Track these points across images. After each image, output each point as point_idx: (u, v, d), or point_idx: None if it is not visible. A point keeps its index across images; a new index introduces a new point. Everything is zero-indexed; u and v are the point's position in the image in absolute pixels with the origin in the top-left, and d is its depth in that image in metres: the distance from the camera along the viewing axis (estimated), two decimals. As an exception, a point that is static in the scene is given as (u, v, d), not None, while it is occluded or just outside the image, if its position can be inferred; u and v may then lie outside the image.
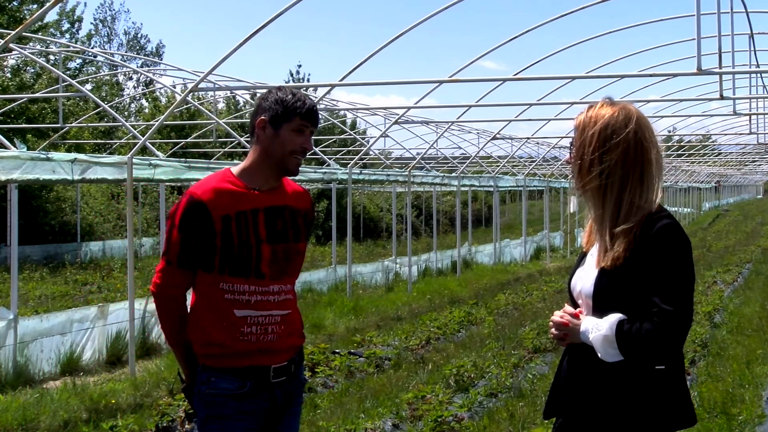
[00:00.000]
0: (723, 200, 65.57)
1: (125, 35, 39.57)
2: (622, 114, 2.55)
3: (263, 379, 2.93)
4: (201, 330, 2.94)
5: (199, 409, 2.97)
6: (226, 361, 2.91)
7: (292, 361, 3.03)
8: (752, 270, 17.06)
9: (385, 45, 9.42)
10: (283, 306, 3.00)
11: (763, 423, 6.09)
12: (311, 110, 2.99)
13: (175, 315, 3.01)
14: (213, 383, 2.91)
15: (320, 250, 23.40)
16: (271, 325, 2.95)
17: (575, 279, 2.66)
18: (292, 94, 2.99)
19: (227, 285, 2.91)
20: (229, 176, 3.00)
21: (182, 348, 3.02)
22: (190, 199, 2.91)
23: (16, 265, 8.30)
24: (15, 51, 12.11)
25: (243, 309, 2.92)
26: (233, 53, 8.23)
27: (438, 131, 17.54)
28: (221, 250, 2.90)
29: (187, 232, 2.90)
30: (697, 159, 35.15)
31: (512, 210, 39.54)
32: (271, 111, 2.97)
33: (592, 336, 2.46)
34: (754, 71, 11.45)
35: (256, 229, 2.94)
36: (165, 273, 2.96)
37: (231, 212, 2.91)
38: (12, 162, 7.35)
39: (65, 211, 21.55)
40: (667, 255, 2.44)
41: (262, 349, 2.93)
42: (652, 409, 2.46)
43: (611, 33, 11.75)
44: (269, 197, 3.01)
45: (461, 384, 7.11)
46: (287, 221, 3.04)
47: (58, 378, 8.11)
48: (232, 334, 2.90)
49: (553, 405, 2.70)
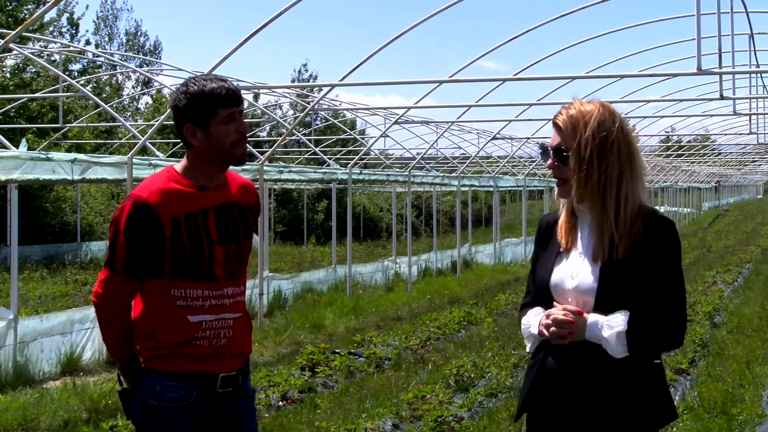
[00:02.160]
0: (723, 200, 65.55)
1: (126, 34, 39.60)
2: (607, 111, 2.57)
3: (209, 388, 2.77)
4: (149, 338, 2.78)
5: (139, 418, 2.79)
6: (173, 363, 2.75)
7: (240, 372, 2.86)
8: (752, 270, 17.05)
9: (385, 45, 9.43)
10: (236, 308, 2.85)
11: (763, 423, 6.09)
12: (230, 92, 2.76)
13: (119, 326, 2.83)
14: (158, 393, 2.74)
15: (320, 250, 23.39)
16: (224, 329, 2.80)
17: (558, 276, 2.60)
18: (203, 85, 2.76)
19: (179, 291, 2.74)
20: (174, 175, 2.80)
21: (126, 359, 2.86)
22: (135, 202, 2.71)
23: (16, 265, 8.30)
24: (15, 51, 12.12)
25: (197, 314, 2.76)
26: (233, 53, 8.25)
27: (438, 131, 17.55)
28: (171, 255, 2.72)
29: (134, 238, 2.70)
30: (697, 159, 35.17)
31: (512, 210, 39.52)
32: (192, 113, 2.76)
33: (606, 333, 2.44)
34: (754, 71, 11.46)
35: (207, 231, 2.77)
36: (109, 282, 2.77)
37: (180, 214, 2.73)
38: (12, 162, 7.35)
39: (65, 211, 21.54)
40: (670, 254, 2.52)
41: (212, 354, 2.78)
42: (646, 405, 2.48)
43: (611, 33, 11.78)
44: (217, 195, 2.83)
45: (461, 384, 7.11)
46: (237, 219, 2.87)
47: (58, 378, 8.11)
48: (186, 340, 2.75)
49: (531, 404, 2.62)
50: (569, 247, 2.62)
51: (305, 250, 23.27)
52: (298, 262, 19.61)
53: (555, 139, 2.61)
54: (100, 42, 38.77)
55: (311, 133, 23.99)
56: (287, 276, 13.73)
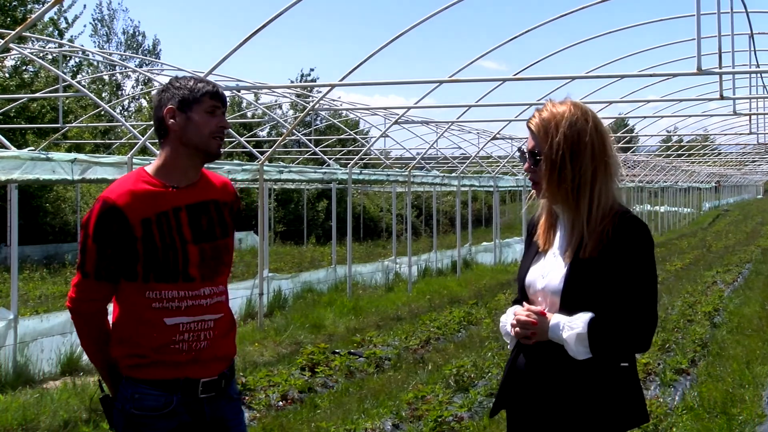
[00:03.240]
0: (723, 200, 65.57)
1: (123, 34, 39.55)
2: (578, 110, 2.56)
3: (191, 394, 2.73)
4: (127, 342, 2.74)
5: (120, 426, 2.76)
6: (152, 371, 2.71)
7: (222, 376, 2.82)
8: (752, 270, 17.05)
9: (385, 45, 9.43)
10: (216, 309, 2.80)
11: (763, 423, 6.09)
12: (218, 91, 2.81)
13: (95, 331, 2.80)
14: (137, 401, 2.71)
15: (320, 250, 23.39)
16: (203, 331, 2.75)
17: (532, 275, 2.63)
18: (194, 79, 2.82)
19: (154, 293, 2.70)
20: (144, 176, 2.78)
21: (106, 366, 2.82)
22: (103, 204, 2.68)
23: (16, 265, 8.30)
24: (14, 51, 12.11)
25: (174, 316, 2.71)
26: (234, 53, 8.25)
27: (438, 131, 17.54)
28: (144, 256, 2.68)
29: (104, 241, 2.67)
30: (697, 159, 35.16)
31: (512, 210, 39.51)
32: (176, 97, 2.76)
33: (565, 334, 2.45)
34: (754, 71, 11.45)
35: (180, 230, 2.73)
36: (81, 287, 2.74)
37: (150, 214, 2.69)
38: (12, 162, 7.35)
39: (65, 211, 21.54)
40: (640, 255, 2.49)
41: (192, 359, 2.73)
42: (612, 407, 2.47)
43: (611, 33, 11.76)
44: (190, 193, 2.79)
45: (461, 384, 7.11)
46: (213, 217, 2.83)
47: (58, 378, 8.10)
48: (164, 344, 2.70)
49: (503, 400, 2.68)
50: (546, 247, 2.64)
51: (305, 250, 23.27)
52: (298, 262, 19.61)
53: (530, 142, 2.62)
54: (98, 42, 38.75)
55: (311, 133, 23.99)
56: (287, 276, 13.73)
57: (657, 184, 34.43)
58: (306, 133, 21.39)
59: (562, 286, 2.51)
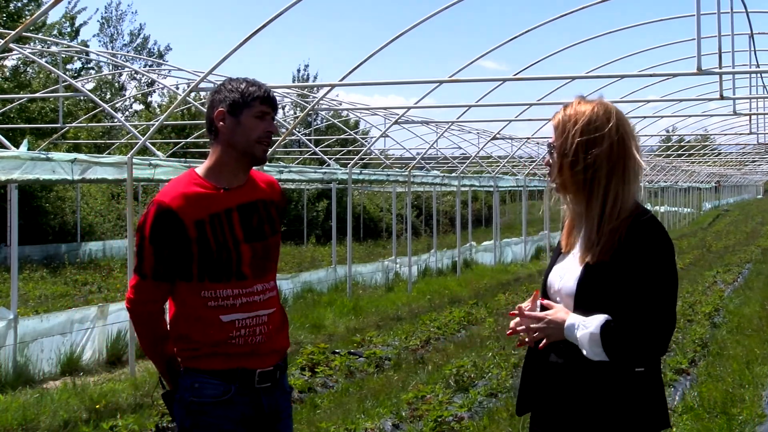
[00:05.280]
0: (723, 200, 65.58)
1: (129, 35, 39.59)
2: (602, 109, 2.53)
3: (248, 384, 2.82)
4: (185, 339, 2.83)
5: (181, 417, 2.84)
6: (211, 361, 2.80)
7: (277, 367, 2.90)
8: (752, 270, 17.05)
9: (385, 45, 9.43)
10: (269, 304, 2.88)
11: (763, 423, 6.09)
12: (269, 95, 2.87)
13: (153, 330, 2.89)
14: (197, 390, 2.79)
15: (320, 250, 23.39)
16: (258, 326, 2.84)
17: (552, 276, 2.62)
18: (246, 82, 2.86)
19: (209, 292, 2.78)
20: (195, 178, 2.85)
21: (164, 362, 2.91)
22: (158, 207, 2.75)
23: (16, 265, 8.31)
24: (15, 51, 12.11)
25: (229, 314, 2.79)
26: (233, 53, 8.23)
27: (438, 131, 17.54)
28: (198, 257, 2.76)
29: (160, 243, 2.75)
30: (697, 159, 35.17)
31: (512, 210, 39.52)
32: (227, 100, 2.82)
33: (579, 333, 2.42)
34: (754, 71, 11.45)
35: (232, 230, 2.81)
36: (139, 288, 2.82)
37: (203, 216, 2.77)
38: (12, 162, 7.35)
39: (65, 211, 21.54)
40: (655, 257, 2.43)
41: (249, 351, 2.82)
42: (630, 411, 2.44)
43: (611, 33, 11.75)
44: (240, 194, 2.87)
45: (461, 384, 7.11)
46: (262, 216, 2.91)
47: (58, 378, 8.11)
48: (221, 340, 2.79)
49: (529, 400, 2.65)
50: (568, 248, 2.63)
51: (305, 250, 23.26)
52: (298, 262, 19.62)
53: (552, 137, 2.62)
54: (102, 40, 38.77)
55: (311, 133, 23.99)
56: (287, 276, 13.72)
57: (657, 184, 34.43)
58: (306, 133, 21.39)
59: (575, 288, 2.49)
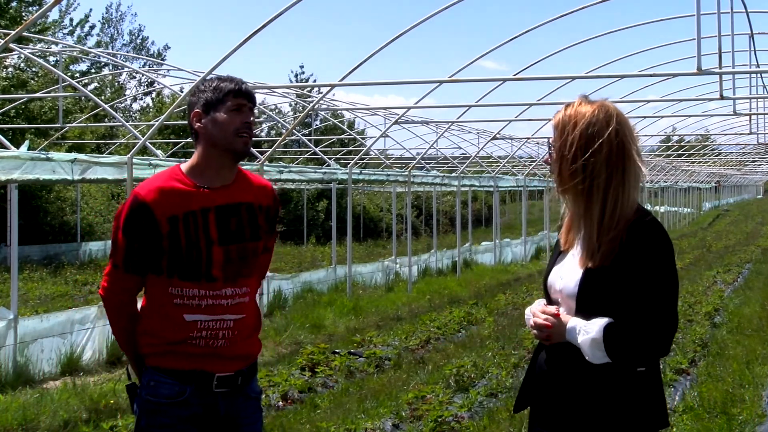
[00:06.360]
0: (723, 200, 65.57)
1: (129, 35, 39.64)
2: (603, 112, 2.50)
3: (205, 387, 2.78)
4: (149, 333, 2.83)
5: (138, 414, 2.83)
6: (170, 359, 2.78)
7: (239, 373, 2.84)
8: (752, 270, 17.05)
9: (385, 45, 9.43)
10: (237, 310, 2.82)
11: (763, 423, 6.09)
12: (242, 88, 2.84)
13: (124, 320, 2.89)
14: (152, 388, 2.78)
15: (320, 250, 23.39)
16: (222, 330, 2.79)
17: (553, 277, 2.62)
18: (219, 80, 2.87)
19: (176, 289, 2.77)
20: (178, 174, 2.83)
21: (133, 354, 2.91)
22: (134, 200, 2.76)
23: (16, 265, 8.30)
24: (15, 51, 12.12)
25: (193, 314, 2.77)
26: (233, 53, 8.24)
27: (438, 131, 17.54)
28: (169, 253, 2.75)
29: (132, 235, 2.76)
30: (697, 159, 35.17)
31: (512, 210, 39.52)
32: (201, 100, 2.84)
33: (580, 338, 2.43)
34: (754, 71, 11.45)
35: (206, 230, 2.77)
36: (112, 276, 2.85)
37: (178, 212, 2.75)
38: (12, 162, 7.35)
39: (65, 211, 21.53)
40: (656, 259, 2.42)
41: (209, 354, 2.78)
42: (629, 410, 2.45)
43: (611, 33, 11.76)
44: (222, 195, 2.83)
45: (461, 384, 7.11)
46: (243, 219, 2.85)
47: (58, 378, 8.10)
48: (181, 339, 2.77)
49: (525, 397, 2.68)
50: (567, 247, 2.63)
51: (305, 250, 23.27)
52: (298, 262, 19.62)
53: (552, 136, 2.62)
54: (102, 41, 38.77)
55: (311, 133, 23.99)
56: (287, 276, 13.72)
57: (657, 184, 34.43)
58: (306, 133, 21.39)
59: (576, 291, 2.49)
